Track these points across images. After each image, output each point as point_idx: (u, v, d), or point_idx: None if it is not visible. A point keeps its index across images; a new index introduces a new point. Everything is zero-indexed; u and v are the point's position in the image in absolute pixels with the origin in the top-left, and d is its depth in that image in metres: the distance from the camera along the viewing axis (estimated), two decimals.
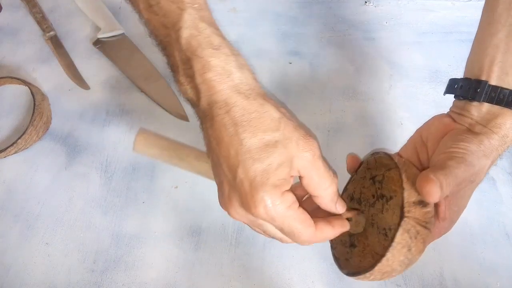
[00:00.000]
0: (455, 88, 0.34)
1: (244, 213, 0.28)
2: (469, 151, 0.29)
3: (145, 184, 0.49)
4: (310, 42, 0.61)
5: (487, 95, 0.31)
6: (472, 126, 0.32)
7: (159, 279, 0.43)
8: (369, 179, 0.35)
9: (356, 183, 0.36)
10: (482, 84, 0.31)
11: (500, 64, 0.31)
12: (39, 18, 0.62)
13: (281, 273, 0.43)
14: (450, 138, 0.31)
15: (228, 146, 0.27)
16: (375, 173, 0.34)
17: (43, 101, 0.53)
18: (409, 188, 0.28)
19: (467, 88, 0.32)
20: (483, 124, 0.31)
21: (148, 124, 0.53)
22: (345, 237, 0.35)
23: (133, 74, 0.57)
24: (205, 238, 0.45)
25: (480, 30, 0.34)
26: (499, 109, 0.31)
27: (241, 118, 0.27)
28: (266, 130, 0.27)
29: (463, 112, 0.33)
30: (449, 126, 0.33)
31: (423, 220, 0.28)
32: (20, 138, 0.49)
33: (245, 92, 0.28)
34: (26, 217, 0.47)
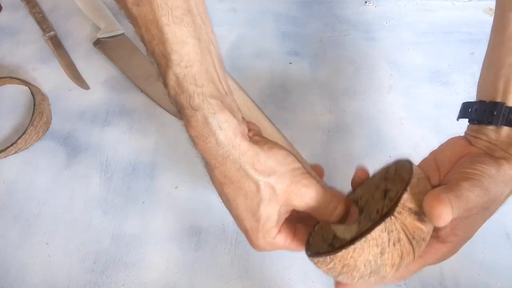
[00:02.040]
0: (469, 112, 0.31)
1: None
2: (487, 174, 0.26)
3: (145, 184, 0.49)
4: (310, 42, 0.61)
5: (505, 118, 0.29)
6: (491, 151, 0.29)
7: (159, 279, 0.43)
8: (381, 191, 0.31)
9: (367, 189, 0.32)
10: (499, 106, 0.29)
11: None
12: (39, 18, 0.62)
13: (281, 273, 0.43)
14: (467, 160, 0.29)
15: (222, 197, 0.30)
16: (390, 186, 0.31)
17: (43, 101, 0.53)
18: (413, 195, 0.25)
19: (482, 111, 0.30)
20: (503, 149, 0.29)
21: (148, 124, 0.53)
22: (327, 235, 0.33)
23: (133, 74, 0.57)
24: (205, 238, 0.45)
25: (491, 50, 0.32)
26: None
27: (223, 180, 0.28)
28: (247, 193, 0.28)
29: (479, 136, 0.30)
30: (466, 149, 0.30)
31: (411, 231, 0.25)
32: (20, 138, 0.49)
33: (223, 154, 0.27)
34: (26, 217, 0.47)
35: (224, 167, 0.28)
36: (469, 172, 0.27)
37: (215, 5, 0.65)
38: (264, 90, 0.56)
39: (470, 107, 0.32)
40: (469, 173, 0.26)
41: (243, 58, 0.59)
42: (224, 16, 0.64)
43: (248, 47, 0.60)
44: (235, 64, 0.58)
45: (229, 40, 0.61)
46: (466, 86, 0.55)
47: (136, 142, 0.52)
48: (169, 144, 0.52)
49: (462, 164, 0.28)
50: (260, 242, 0.31)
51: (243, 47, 0.60)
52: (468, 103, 0.33)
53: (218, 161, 0.28)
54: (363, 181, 0.32)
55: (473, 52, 0.59)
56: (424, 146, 0.50)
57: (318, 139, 0.52)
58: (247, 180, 0.28)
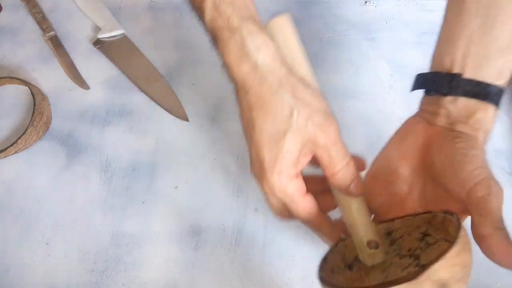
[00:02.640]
0: (425, 83, 0.31)
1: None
2: (482, 165, 0.27)
3: (145, 184, 0.49)
4: (310, 42, 0.61)
5: (462, 89, 0.29)
6: (452, 125, 0.29)
7: (159, 279, 0.43)
8: (420, 233, 0.30)
9: (406, 224, 0.30)
10: (456, 77, 0.29)
11: (474, 56, 0.29)
12: (39, 18, 0.62)
13: (281, 273, 0.43)
14: (448, 154, 0.28)
15: (246, 125, 0.30)
16: (431, 232, 0.29)
17: (43, 101, 0.53)
18: (446, 264, 0.23)
19: (439, 82, 0.30)
20: (463, 121, 0.29)
21: (148, 124, 0.53)
22: (349, 255, 0.32)
23: (133, 74, 0.57)
24: (205, 238, 0.45)
25: (447, 22, 0.31)
26: (476, 103, 0.29)
27: (256, 103, 0.28)
28: (276, 117, 0.28)
29: (438, 110, 0.30)
30: (428, 131, 0.30)
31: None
32: (20, 138, 0.49)
33: (260, 76, 0.28)
34: (26, 217, 0.47)
35: (259, 90, 0.28)
36: (469, 179, 0.26)
37: None
38: None
39: (425, 78, 0.32)
40: (474, 183, 0.26)
41: None
42: None
43: None
44: None
45: None
46: None
47: (136, 142, 0.52)
48: (169, 144, 0.52)
49: (450, 165, 0.28)
50: (274, 178, 0.29)
51: None
52: (423, 74, 0.32)
53: (253, 85, 0.28)
54: (404, 214, 0.31)
55: None
56: None
57: None
58: (282, 104, 0.28)
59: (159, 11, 0.64)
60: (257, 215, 0.47)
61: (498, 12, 0.28)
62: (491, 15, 0.29)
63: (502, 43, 0.29)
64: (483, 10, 0.29)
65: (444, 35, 0.32)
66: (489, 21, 0.29)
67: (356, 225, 0.30)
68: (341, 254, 0.32)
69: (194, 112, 0.54)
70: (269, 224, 0.46)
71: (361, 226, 0.30)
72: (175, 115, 0.53)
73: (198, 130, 0.53)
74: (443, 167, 0.28)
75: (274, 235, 0.45)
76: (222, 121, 0.53)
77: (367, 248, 0.29)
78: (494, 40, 0.29)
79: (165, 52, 0.60)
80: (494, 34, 0.29)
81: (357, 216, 0.30)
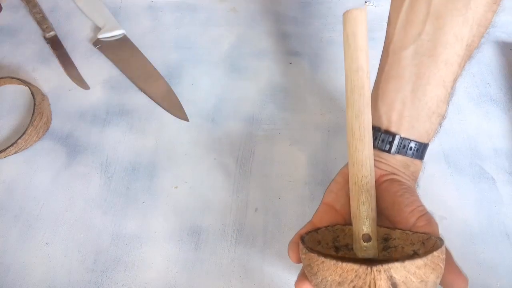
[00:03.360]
0: (374, 139, 0.35)
1: None
2: (417, 202, 0.31)
3: (145, 184, 0.49)
4: (310, 42, 0.61)
5: (399, 147, 0.33)
6: (395, 171, 0.34)
7: (159, 279, 0.43)
8: (412, 250, 0.31)
9: (404, 237, 0.31)
10: (396, 137, 0.33)
11: (408, 118, 0.33)
12: (39, 18, 0.62)
13: (281, 273, 0.43)
14: (396, 193, 0.32)
15: None
16: (421, 252, 0.30)
17: (43, 101, 0.53)
18: (408, 272, 0.24)
19: (381, 139, 0.34)
20: (402, 171, 0.34)
21: (148, 124, 0.53)
22: (343, 240, 0.33)
23: (133, 74, 0.57)
24: (205, 238, 0.45)
25: (383, 83, 0.35)
26: (409, 159, 0.34)
27: None
28: None
29: (380, 160, 0.35)
30: (375, 174, 0.34)
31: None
32: (20, 138, 0.49)
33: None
34: (26, 217, 0.47)
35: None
36: (414, 214, 0.31)
37: (215, 5, 0.65)
38: (264, 90, 0.56)
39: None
40: (417, 217, 0.30)
41: (243, 58, 0.59)
42: (224, 16, 0.64)
43: (248, 47, 0.60)
44: (235, 64, 0.58)
45: (229, 40, 0.61)
46: (466, 86, 0.55)
47: (136, 142, 0.52)
48: (169, 144, 0.52)
49: (397, 203, 0.32)
50: None
51: (243, 47, 0.60)
52: None
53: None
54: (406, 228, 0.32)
55: None
56: None
57: (318, 139, 0.52)
58: None
59: (159, 11, 0.64)
60: (257, 215, 0.47)
61: (427, 81, 0.32)
62: (422, 83, 0.33)
63: (430, 109, 0.33)
64: (415, 78, 0.33)
65: (381, 94, 0.35)
66: (420, 88, 0.33)
67: (357, 217, 0.31)
68: (335, 235, 0.33)
69: (194, 112, 0.54)
70: (269, 224, 0.46)
71: (361, 219, 0.31)
72: (175, 115, 0.54)
73: (198, 130, 0.53)
74: (390, 203, 0.32)
75: (274, 235, 0.45)
76: (222, 121, 0.53)
77: (362, 241, 0.31)
78: (424, 105, 0.33)
79: (165, 52, 0.60)
80: (424, 100, 0.33)
81: (362, 208, 0.31)
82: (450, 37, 0.32)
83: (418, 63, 0.33)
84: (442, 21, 0.32)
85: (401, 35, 0.34)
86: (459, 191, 0.47)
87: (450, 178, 0.48)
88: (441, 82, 0.33)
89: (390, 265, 0.24)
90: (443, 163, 0.49)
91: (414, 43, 0.33)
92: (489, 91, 0.55)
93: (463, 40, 0.32)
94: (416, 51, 0.33)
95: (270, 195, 0.48)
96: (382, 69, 0.36)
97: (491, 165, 0.49)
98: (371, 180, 0.32)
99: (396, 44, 0.34)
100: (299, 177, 0.49)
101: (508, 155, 0.50)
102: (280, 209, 0.47)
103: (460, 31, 0.32)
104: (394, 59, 0.34)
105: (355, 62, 0.31)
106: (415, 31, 0.33)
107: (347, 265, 0.25)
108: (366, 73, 0.31)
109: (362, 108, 0.31)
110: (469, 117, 0.53)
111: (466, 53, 0.33)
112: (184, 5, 0.65)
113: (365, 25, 0.31)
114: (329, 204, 0.34)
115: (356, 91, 0.31)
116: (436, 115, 0.34)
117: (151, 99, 0.55)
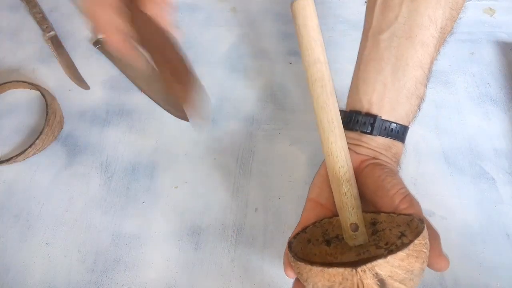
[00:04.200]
0: (349, 121, 0.35)
1: None
2: (400, 184, 0.32)
3: (145, 184, 0.49)
4: None
5: (380, 129, 0.34)
6: (375, 155, 0.35)
7: (159, 279, 0.43)
8: (399, 231, 0.31)
9: (390, 220, 0.32)
10: (378, 119, 0.34)
11: (388, 100, 0.34)
12: (39, 18, 0.62)
13: (281, 273, 0.43)
14: (379, 177, 0.32)
15: None
16: (407, 234, 0.30)
17: (54, 100, 0.53)
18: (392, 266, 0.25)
19: (362, 122, 0.34)
20: (384, 153, 0.35)
21: (148, 124, 0.53)
22: (332, 232, 0.33)
23: (133, 74, 0.57)
24: (205, 238, 0.45)
25: (363, 65, 0.36)
26: (390, 141, 0.34)
27: None
28: None
29: (360, 143, 0.35)
30: (357, 158, 0.35)
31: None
32: (38, 139, 0.49)
33: None
34: (26, 217, 0.47)
35: None
36: (396, 197, 0.31)
37: (215, 5, 0.65)
38: (264, 90, 0.56)
39: (348, 116, 0.36)
40: (399, 200, 0.31)
41: (243, 58, 0.59)
42: (224, 16, 0.64)
43: (248, 47, 0.60)
44: (235, 64, 0.58)
45: (229, 40, 0.61)
46: (466, 86, 0.55)
47: (136, 142, 0.52)
48: (169, 144, 0.52)
49: (380, 187, 0.32)
50: None
51: (243, 47, 0.60)
52: (344, 112, 0.36)
53: None
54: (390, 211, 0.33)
55: (473, 52, 0.59)
56: (424, 146, 0.50)
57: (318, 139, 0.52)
58: None
59: None
60: (257, 215, 0.47)
61: (406, 62, 0.33)
62: (401, 65, 0.33)
63: (409, 90, 0.34)
64: (394, 59, 0.34)
65: (361, 77, 0.36)
66: (400, 70, 0.33)
67: (342, 207, 0.32)
68: (323, 229, 0.34)
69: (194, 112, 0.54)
70: (269, 224, 0.46)
71: (346, 209, 0.32)
72: (175, 115, 0.53)
73: (198, 130, 0.53)
74: (373, 188, 0.32)
75: (274, 235, 0.45)
76: (222, 121, 0.53)
77: (350, 230, 0.32)
78: (403, 86, 0.34)
79: None
80: (403, 81, 0.34)
81: (344, 199, 0.32)
82: (425, 18, 0.33)
83: (396, 45, 0.34)
84: (417, 3, 0.33)
85: (379, 19, 0.35)
86: (459, 191, 0.47)
87: (450, 178, 0.48)
88: (419, 63, 0.34)
89: (373, 263, 0.24)
90: (443, 163, 0.49)
91: (392, 26, 0.34)
92: (489, 91, 0.55)
93: (437, 23, 0.33)
94: (394, 33, 0.34)
95: (270, 195, 0.48)
96: (361, 53, 0.37)
97: (491, 165, 0.49)
98: (349, 170, 0.32)
99: (375, 28, 0.35)
100: (299, 177, 0.49)
101: (508, 155, 0.50)
102: (280, 209, 0.47)
103: (434, 13, 0.33)
104: (373, 43, 0.35)
105: (311, 54, 0.31)
106: (392, 14, 0.34)
107: (333, 270, 0.25)
108: (324, 64, 0.31)
109: (326, 99, 0.31)
110: (469, 117, 0.53)
111: (440, 36, 0.34)
112: (184, 5, 0.65)
113: (315, 15, 0.32)
114: (314, 200, 0.35)
115: (317, 84, 0.31)
116: (415, 97, 0.34)
117: (151, 99, 0.55)
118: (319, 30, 0.31)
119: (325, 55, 0.31)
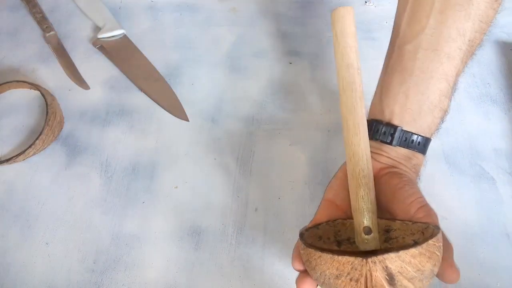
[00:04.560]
0: (375, 132, 0.35)
1: None
2: (418, 194, 0.32)
3: (145, 184, 0.49)
4: (310, 42, 0.61)
5: (400, 140, 0.34)
6: (395, 164, 0.34)
7: (159, 279, 0.43)
8: (412, 240, 0.31)
9: (404, 228, 0.31)
10: (398, 130, 0.34)
11: (410, 111, 0.34)
12: (39, 18, 0.62)
13: (281, 273, 0.43)
14: (397, 185, 0.32)
15: None
16: (421, 242, 0.30)
17: (54, 101, 0.53)
18: (404, 262, 0.25)
19: (383, 132, 0.34)
20: (404, 164, 0.35)
21: (148, 124, 0.53)
22: (344, 234, 0.33)
23: (133, 74, 0.57)
24: (205, 238, 0.45)
25: (387, 75, 0.36)
26: (411, 152, 0.34)
27: None
28: None
29: (381, 153, 0.35)
30: (376, 165, 0.34)
31: (372, 284, 0.25)
32: (38, 139, 0.49)
33: None
34: (26, 217, 0.47)
35: None
36: (414, 206, 0.31)
37: (215, 5, 0.65)
38: (264, 90, 0.56)
39: (369, 125, 0.35)
40: (417, 208, 0.30)
41: (243, 58, 0.59)
42: (224, 16, 0.64)
43: (248, 47, 0.60)
44: (235, 64, 0.58)
45: (229, 40, 0.61)
46: (466, 86, 0.55)
47: (136, 142, 0.52)
48: (169, 144, 0.52)
49: (397, 195, 0.32)
50: None
51: (243, 47, 0.60)
52: (369, 122, 0.36)
53: None
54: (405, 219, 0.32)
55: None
56: None
57: (318, 139, 0.52)
58: None
59: (159, 11, 0.64)
60: (257, 215, 0.47)
61: (431, 75, 0.33)
62: (425, 77, 0.33)
63: (432, 103, 0.33)
64: (418, 71, 0.33)
65: (384, 87, 0.36)
66: (424, 82, 0.33)
67: (357, 210, 0.32)
68: (335, 230, 0.33)
69: (194, 112, 0.54)
70: (269, 224, 0.46)
71: (361, 212, 0.31)
72: (175, 115, 0.53)
73: (198, 130, 0.53)
74: (390, 196, 0.32)
75: (274, 235, 0.45)
76: (222, 121, 0.53)
77: (363, 233, 0.31)
78: (426, 99, 0.33)
79: (165, 52, 0.60)
80: (426, 94, 0.33)
81: (361, 202, 0.32)
82: (452, 31, 0.32)
83: (421, 57, 0.33)
84: (445, 15, 0.32)
85: (406, 29, 0.34)
86: (459, 191, 0.47)
87: (450, 178, 0.48)
88: (444, 76, 0.33)
89: (384, 256, 0.24)
90: (443, 163, 0.49)
91: (418, 37, 0.33)
92: (489, 91, 0.55)
93: (465, 35, 0.33)
94: (420, 45, 0.33)
95: (270, 195, 0.48)
96: (387, 63, 0.36)
97: (491, 165, 0.49)
98: (369, 174, 0.32)
99: (402, 39, 0.35)
100: (299, 177, 0.49)
101: (508, 155, 0.50)
102: (280, 209, 0.47)
103: (463, 26, 0.32)
104: (399, 53, 0.35)
105: (345, 59, 0.31)
106: (420, 25, 0.33)
107: (343, 258, 0.25)
108: (357, 69, 0.31)
109: (354, 103, 0.31)
110: (469, 117, 0.53)
111: (468, 49, 0.34)
112: (184, 5, 0.65)
113: (353, 23, 0.32)
114: (330, 200, 0.35)
115: (348, 87, 0.31)
116: (439, 109, 0.34)
117: (151, 99, 0.55)
118: (355, 38, 0.32)
119: (358, 62, 0.32)
